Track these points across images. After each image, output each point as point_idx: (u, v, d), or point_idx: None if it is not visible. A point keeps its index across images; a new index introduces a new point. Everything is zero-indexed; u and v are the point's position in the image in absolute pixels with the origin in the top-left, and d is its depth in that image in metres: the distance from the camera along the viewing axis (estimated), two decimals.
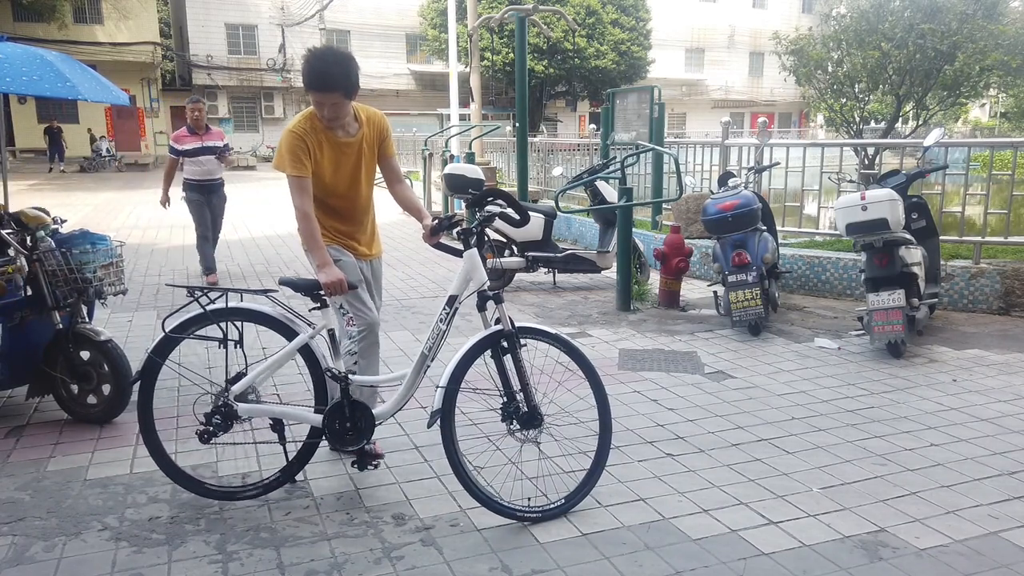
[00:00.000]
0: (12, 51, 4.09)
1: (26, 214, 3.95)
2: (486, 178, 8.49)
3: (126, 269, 4.34)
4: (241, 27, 34.29)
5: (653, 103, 8.82)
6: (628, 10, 32.97)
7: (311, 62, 3.04)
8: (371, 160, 3.36)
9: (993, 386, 4.48)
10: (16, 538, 2.81)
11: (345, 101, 3.10)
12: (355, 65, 3.11)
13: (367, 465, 3.11)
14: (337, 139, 3.21)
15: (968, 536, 2.82)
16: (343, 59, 3.07)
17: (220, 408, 2.96)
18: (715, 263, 5.78)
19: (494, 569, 2.62)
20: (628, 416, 4.00)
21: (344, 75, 3.04)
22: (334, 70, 3.02)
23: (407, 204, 3.43)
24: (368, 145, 3.31)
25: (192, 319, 2.98)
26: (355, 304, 3.27)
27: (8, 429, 3.87)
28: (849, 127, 15.54)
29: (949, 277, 6.19)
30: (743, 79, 43.54)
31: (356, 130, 3.26)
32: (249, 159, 30.32)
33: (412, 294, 7.07)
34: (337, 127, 3.19)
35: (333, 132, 3.19)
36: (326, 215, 3.29)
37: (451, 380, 2.87)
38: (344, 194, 3.32)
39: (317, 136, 3.16)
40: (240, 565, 2.63)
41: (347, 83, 3.05)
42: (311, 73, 3.03)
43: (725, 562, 2.65)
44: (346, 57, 3.09)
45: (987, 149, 7.55)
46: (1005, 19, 14.82)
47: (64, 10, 27.14)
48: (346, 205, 3.35)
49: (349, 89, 3.07)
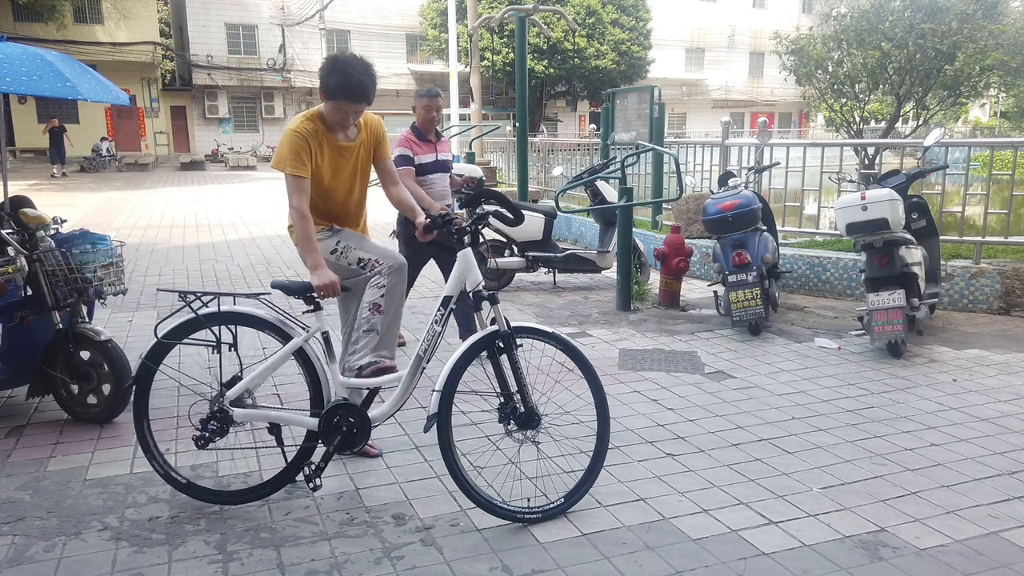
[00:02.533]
0: (12, 51, 4.08)
1: (26, 214, 3.95)
2: (486, 178, 8.50)
3: (126, 269, 4.33)
4: (241, 27, 34.29)
5: (653, 103, 8.82)
6: (628, 10, 32.97)
7: (348, 72, 3.06)
8: (367, 163, 3.42)
9: (993, 386, 4.48)
10: (16, 538, 2.81)
11: (363, 109, 3.19)
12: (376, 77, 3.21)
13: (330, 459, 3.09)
14: (338, 143, 3.24)
15: (968, 536, 2.82)
16: (371, 69, 3.15)
17: (216, 413, 2.96)
18: (715, 263, 5.78)
19: (494, 569, 2.62)
20: (628, 416, 4.00)
21: (374, 85, 3.14)
22: (368, 81, 3.10)
23: (402, 205, 3.47)
24: (366, 149, 3.37)
25: (185, 324, 2.97)
26: (374, 251, 3.33)
27: (8, 429, 3.88)
28: (849, 127, 15.53)
29: (949, 277, 6.19)
30: (743, 79, 43.54)
31: (356, 134, 3.31)
32: (249, 159, 30.36)
33: (412, 294, 7.04)
34: (340, 131, 3.23)
35: (335, 135, 3.22)
36: (321, 216, 3.33)
37: (447, 384, 2.86)
38: (340, 197, 3.36)
39: (319, 138, 3.18)
40: (240, 565, 2.63)
41: (374, 92, 3.14)
42: (348, 84, 3.05)
43: (725, 562, 2.65)
44: (372, 66, 3.18)
45: (987, 149, 7.55)
46: (1005, 19, 14.81)
47: (64, 10, 27.12)
48: (341, 207, 3.40)
49: (372, 99, 3.14)
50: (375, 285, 3.27)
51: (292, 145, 3.12)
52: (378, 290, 3.26)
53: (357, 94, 3.07)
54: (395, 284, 3.29)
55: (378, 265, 3.28)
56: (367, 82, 3.08)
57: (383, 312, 3.25)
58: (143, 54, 31.57)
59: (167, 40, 35.91)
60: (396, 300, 3.32)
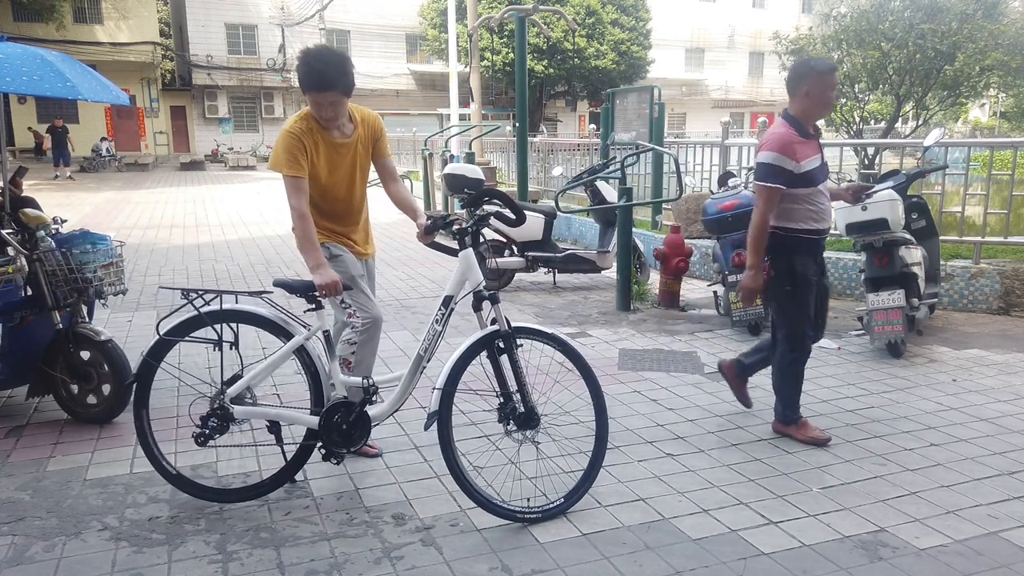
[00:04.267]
0: (12, 51, 4.08)
1: (26, 214, 3.95)
2: (486, 178, 8.49)
3: (126, 269, 4.33)
4: (241, 27, 34.29)
5: (653, 103, 8.82)
6: (628, 10, 32.98)
7: (308, 63, 3.04)
8: (366, 161, 3.37)
9: (993, 386, 4.48)
10: (16, 538, 2.81)
11: (343, 100, 3.11)
12: (350, 63, 3.13)
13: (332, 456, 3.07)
14: (333, 140, 3.22)
15: (968, 536, 2.82)
16: (339, 58, 3.09)
17: (216, 411, 2.96)
18: (715, 263, 5.78)
19: (494, 569, 2.62)
20: (628, 416, 4.01)
21: (341, 73, 3.05)
22: (331, 69, 3.03)
23: (403, 204, 3.42)
24: (363, 146, 3.32)
25: (187, 322, 2.97)
26: (357, 298, 3.28)
27: (8, 429, 3.88)
28: (849, 127, 15.53)
29: (949, 277, 6.19)
30: (743, 79, 43.53)
31: (352, 131, 3.27)
32: (249, 159, 30.35)
33: (412, 294, 7.07)
34: (333, 128, 3.20)
35: (329, 133, 3.20)
36: (321, 215, 3.30)
37: (447, 382, 2.86)
38: (339, 195, 3.33)
39: (313, 137, 3.16)
40: (240, 565, 2.63)
41: (345, 81, 3.06)
42: (309, 74, 3.04)
43: (725, 562, 2.65)
44: (342, 55, 3.11)
45: (987, 149, 7.55)
46: (1005, 19, 14.80)
47: (64, 10, 27.13)
48: (341, 206, 3.36)
49: (347, 87, 3.08)
50: (346, 340, 3.28)
51: (287, 145, 3.12)
52: (349, 346, 3.27)
53: (318, 83, 3.03)
54: (366, 341, 3.29)
55: (354, 318, 3.27)
56: (325, 70, 3.02)
57: (352, 368, 3.27)
58: (143, 54, 31.57)
59: (167, 40, 35.90)
60: (367, 356, 3.33)
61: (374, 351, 3.39)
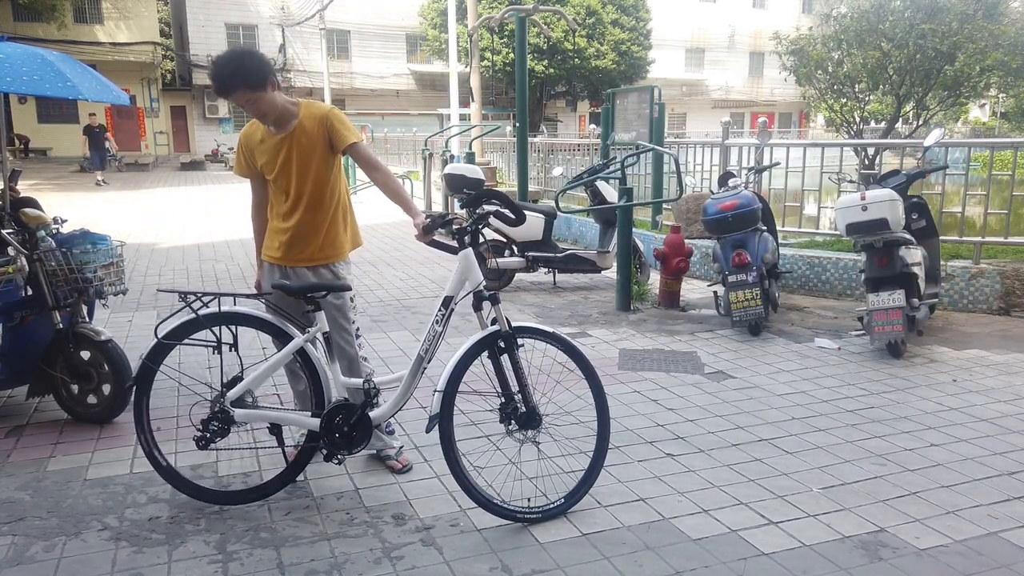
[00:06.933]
0: (12, 51, 4.08)
1: (27, 214, 3.95)
2: (486, 178, 8.50)
3: (126, 269, 4.33)
4: (241, 27, 34.27)
5: (653, 103, 8.81)
6: (628, 10, 32.99)
7: (209, 73, 3.11)
8: (312, 153, 3.16)
9: (993, 386, 4.48)
10: (16, 538, 2.81)
11: (255, 95, 2.99)
12: (250, 57, 3.01)
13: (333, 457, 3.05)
14: (272, 135, 3.17)
15: (968, 536, 2.82)
16: (235, 56, 3.02)
17: (217, 414, 2.95)
18: (715, 263, 5.78)
19: (494, 569, 2.62)
20: (628, 416, 4.01)
21: (237, 70, 2.96)
22: (226, 71, 2.98)
23: (391, 194, 3.19)
24: (307, 138, 3.14)
25: (185, 324, 2.96)
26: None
27: (8, 429, 3.88)
28: (849, 127, 15.52)
29: (949, 277, 6.19)
30: (743, 79, 43.55)
31: (293, 124, 3.14)
32: None
33: (412, 294, 7.07)
34: (270, 123, 3.15)
35: (268, 130, 3.18)
36: (275, 216, 3.28)
37: (448, 384, 2.86)
38: (286, 188, 3.19)
39: (257, 137, 3.20)
40: (240, 565, 2.63)
41: (244, 76, 2.96)
42: (212, 83, 3.05)
43: (725, 562, 2.65)
44: (238, 53, 3.03)
45: (987, 149, 7.55)
46: (1005, 19, 14.79)
47: (64, 10, 27.11)
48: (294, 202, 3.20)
49: (250, 82, 2.97)
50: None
51: (236, 149, 3.31)
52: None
53: (220, 89, 3.02)
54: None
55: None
56: (220, 75, 2.98)
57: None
58: (143, 54, 31.55)
59: (167, 40, 35.89)
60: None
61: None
